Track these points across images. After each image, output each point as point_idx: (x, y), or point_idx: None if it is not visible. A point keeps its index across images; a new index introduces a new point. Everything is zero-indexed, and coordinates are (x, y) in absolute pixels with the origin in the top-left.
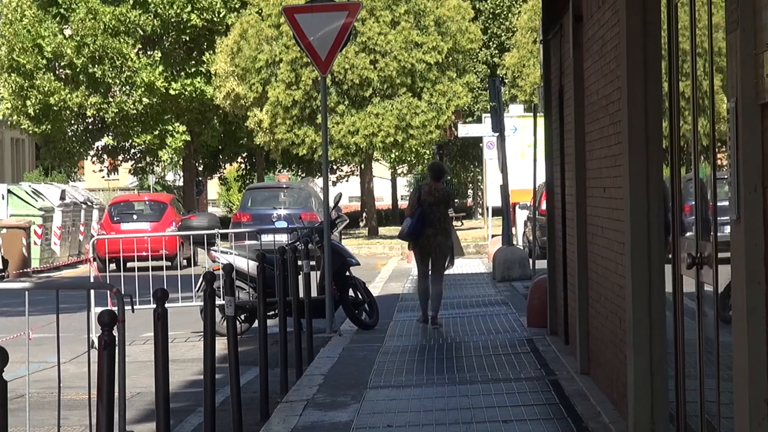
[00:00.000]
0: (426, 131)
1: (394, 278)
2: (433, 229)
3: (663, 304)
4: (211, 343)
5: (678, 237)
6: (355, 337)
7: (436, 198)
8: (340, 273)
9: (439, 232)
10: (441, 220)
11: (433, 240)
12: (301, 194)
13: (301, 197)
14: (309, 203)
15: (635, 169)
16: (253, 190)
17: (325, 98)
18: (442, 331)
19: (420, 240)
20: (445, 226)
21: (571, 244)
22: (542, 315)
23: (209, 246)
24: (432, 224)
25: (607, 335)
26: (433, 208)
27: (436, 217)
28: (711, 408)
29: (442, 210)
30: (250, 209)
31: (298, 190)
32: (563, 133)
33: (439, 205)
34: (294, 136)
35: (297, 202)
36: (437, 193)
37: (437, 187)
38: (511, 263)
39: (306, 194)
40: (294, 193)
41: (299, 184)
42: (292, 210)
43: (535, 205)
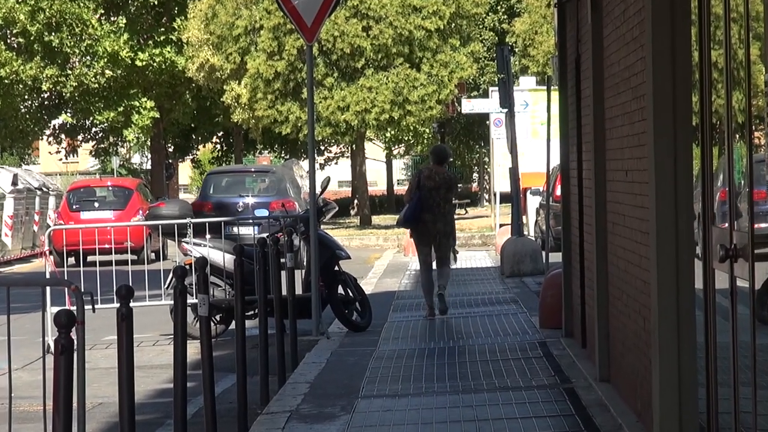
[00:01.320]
0: (425, 107)
1: (390, 273)
2: (431, 215)
3: (692, 302)
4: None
5: (710, 226)
6: (345, 340)
7: (436, 182)
8: (328, 267)
9: (438, 218)
10: (441, 205)
11: (433, 227)
12: (272, 179)
13: (272, 183)
14: (282, 190)
15: (661, 150)
16: (215, 174)
17: (311, 70)
18: (444, 333)
19: (418, 226)
20: (445, 212)
21: (588, 234)
22: (556, 315)
23: (180, 237)
24: (431, 210)
25: (630, 337)
26: (433, 193)
27: (435, 203)
28: (746, 420)
29: (443, 195)
30: (212, 197)
31: (269, 174)
32: (580, 109)
33: (439, 189)
34: (276, 112)
35: (268, 189)
36: (438, 177)
37: (438, 170)
38: (522, 256)
39: (278, 179)
40: (264, 177)
41: (271, 168)
42: (262, 198)
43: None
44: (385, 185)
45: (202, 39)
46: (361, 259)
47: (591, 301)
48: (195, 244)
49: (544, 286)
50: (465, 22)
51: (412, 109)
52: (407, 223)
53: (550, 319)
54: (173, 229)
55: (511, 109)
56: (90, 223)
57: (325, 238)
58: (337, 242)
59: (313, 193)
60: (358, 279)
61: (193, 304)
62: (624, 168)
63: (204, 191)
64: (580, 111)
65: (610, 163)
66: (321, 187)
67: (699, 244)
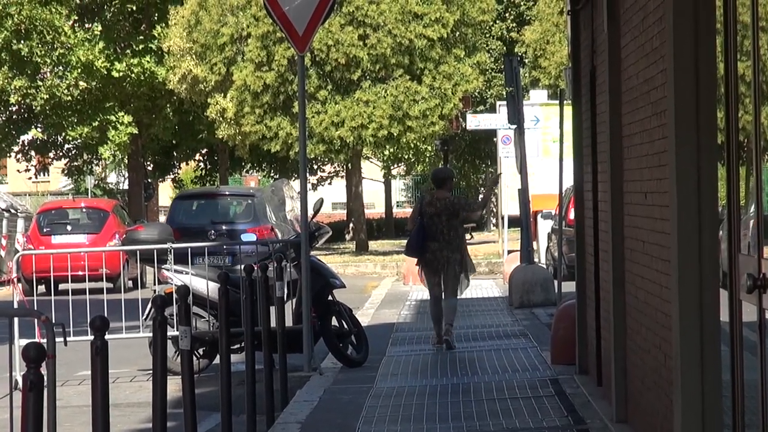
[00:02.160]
0: (427, 123)
1: (388, 304)
2: (437, 243)
3: (718, 337)
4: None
5: (736, 254)
6: (339, 377)
7: (437, 209)
8: (321, 297)
9: (444, 246)
10: (445, 232)
11: (440, 255)
12: (249, 204)
13: (248, 208)
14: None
15: (684, 170)
16: (184, 199)
17: (302, 82)
18: (447, 369)
19: (425, 255)
20: (451, 239)
21: (604, 262)
22: (570, 349)
23: (160, 264)
24: (435, 238)
25: (649, 375)
26: (435, 220)
27: (438, 230)
28: None
29: (445, 221)
30: (180, 224)
31: (246, 198)
32: (595, 126)
33: (440, 216)
34: (265, 128)
35: (244, 215)
36: (439, 203)
37: (440, 196)
38: (532, 285)
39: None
40: (240, 201)
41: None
42: (236, 224)
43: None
44: (384, 208)
45: (185, 48)
46: (356, 288)
47: (607, 335)
48: (176, 271)
49: (556, 319)
50: (470, 30)
51: (413, 124)
52: (412, 253)
53: (562, 355)
54: (152, 255)
55: (521, 125)
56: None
57: (317, 265)
58: (330, 270)
59: (305, 216)
60: (353, 310)
61: (174, 336)
62: (643, 190)
63: (171, 217)
64: (596, 127)
65: (628, 185)
66: (313, 209)
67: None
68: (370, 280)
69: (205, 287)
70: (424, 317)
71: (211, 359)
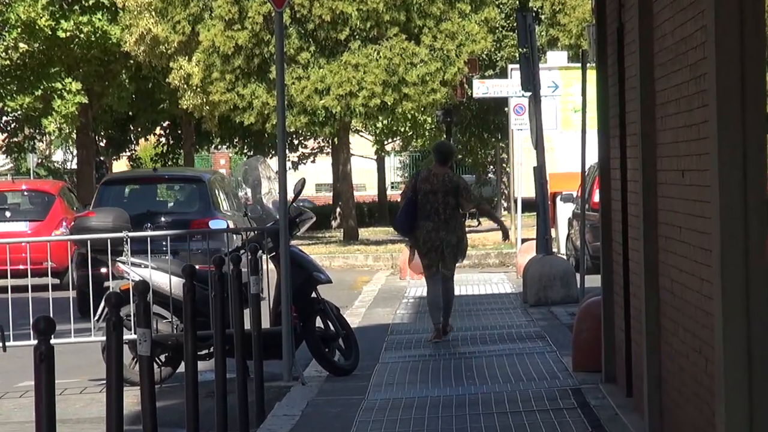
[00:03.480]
0: (426, 90)
1: (382, 301)
2: (431, 222)
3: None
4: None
5: None
6: (325, 387)
7: (433, 185)
8: (304, 294)
9: (440, 226)
10: (440, 212)
11: (435, 236)
12: (195, 190)
13: (194, 194)
14: (210, 204)
15: (727, 144)
16: (112, 184)
17: (281, 43)
18: (452, 378)
19: (416, 234)
20: (447, 219)
21: (635, 251)
22: (594, 354)
23: (115, 256)
24: (429, 217)
25: (688, 383)
26: (430, 198)
27: (433, 209)
28: None
29: (441, 199)
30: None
31: (191, 182)
32: (624, 93)
33: (436, 193)
34: (237, 97)
35: (188, 202)
36: (436, 179)
37: (438, 172)
38: (550, 280)
39: (207, 189)
40: (184, 187)
41: (197, 174)
42: (179, 215)
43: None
44: (376, 189)
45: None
46: (345, 283)
47: (638, 337)
48: (133, 264)
49: (579, 318)
50: None
51: (410, 92)
52: (399, 231)
53: (586, 360)
54: (106, 246)
55: (537, 92)
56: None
57: (299, 257)
58: (314, 262)
59: (284, 199)
60: (341, 309)
61: (132, 340)
62: (680, 167)
63: (96, 205)
64: (624, 95)
65: (662, 161)
66: (294, 191)
67: None
68: (360, 273)
69: (168, 283)
70: (425, 317)
71: (175, 367)
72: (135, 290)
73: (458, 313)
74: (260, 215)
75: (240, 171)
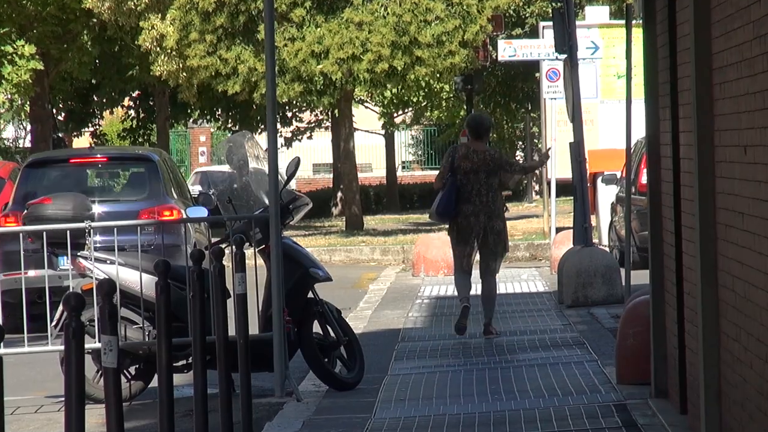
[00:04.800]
0: (443, 52)
1: (391, 303)
2: (471, 206)
3: None
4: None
5: None
6: (324, 404)
7: (474, 163)
8: (299, 294)
9: (481, 210)
10: (483, 193)
11: (475, 221)
12: (143, 173)
13: (142, 178)
14: (163, 188)
15: None
16: (37, 166)
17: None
18: (474, 392)
19: (457, 221)
20: (489, 201)
21: (689, 242)
22: (641, 364)
23: (75, 249)
24: (469, 199)
25: (753, 397)
26: (471, 177)
27: (474, 190)
28: None
29: (484, 180)
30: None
31: (138, 163)
32: (675, 55)
33: (478, 173)
34: (219, 62)
35: (134, 189)
36: (476, 156)
37: (478, 148)
38: (590, 276)
39: (157, 172)
40: (129, 169)
41: (146, 153)
42: (122, 203)
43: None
44: (384, 171)
45: None
46: (348, 280)
47: (694, 344)
48: (97, 259)
49: (624, 321)
50: None
51: (424, 55)
52: (441, 217)
53: (632, 371)
54: (65, 237)
55: (573, 55)
56: None
57: (293, 251)
58: (311, 256)
59: (274, 182)
60: (343, 311)
61: (96, 350)
62: (742, 143)
63: (19, 194)
64: (676, 57)
65: (722, 136)
66: (286, 173)
67: None
68: (366, 270)
69: (138, 281)
70: (441, 320)
71: (147, 381)
72: (99, 290)
73: (481, 316)
74: (247, 201)
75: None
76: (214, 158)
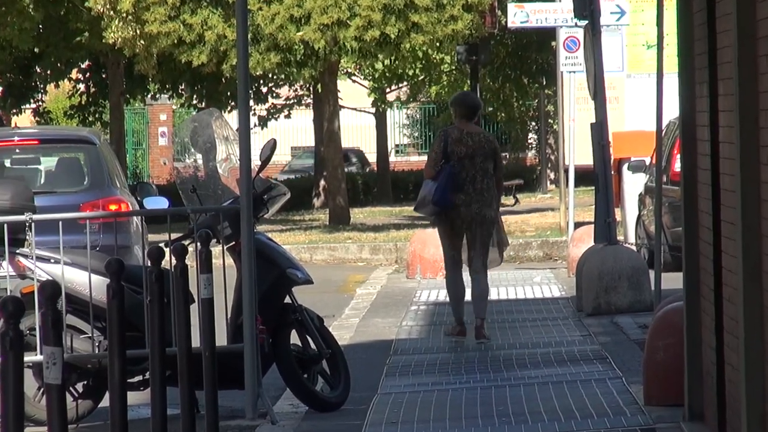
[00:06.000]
0: (444, 17)
1: (382, 309)
2: (464, 194)
3: None
4: None
5: None
6: (303, 427)
7: (470, 147)
8: (275, 299)
9: (475, 199)
10: (478, 180)
11: (468, 211)
12: (78, 159)
13: (82, 164)
14: (107, 177)
15: None
16: None
17: None
18: (478, 412)
19: (450, 212)
20: (484, 189)
21: (730, 240)
22: (674, 382)
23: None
24: (462, 187)
25: None
26: (465, 163)
27: (469, 177)
28: None
29: (480, 165)
30: None
31: (72, 147)
32: (714, 22)
33: (474, 158)
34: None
35: (68, 178)
36: (471, 140)
37: (472, 131)
38: (614, 279)
39: (99, 157)
40: (61, 154)
41: (83, 134)
42: (59, 196)
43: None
44: (374, 155)
45: None
46: (332, 283)
47: (734, 358)
48: (39, 258)
49: (653, 332)
50: None
51: (421, 20)
52: (433, 207)
53: (662, 389)
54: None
55: (595, 21)
56: None
57: (268, 249)
58: (288, 255)
59: (246, 168)
60: (326, 319)
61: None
62: None
63: None
64: (714, 24)
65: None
66: (261, 158)
67: None
68: (352, 271)
69: (87, 284)
70: (440, 330)
71: (97, 400)
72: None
73: (489, 325)
74: (214, 190)
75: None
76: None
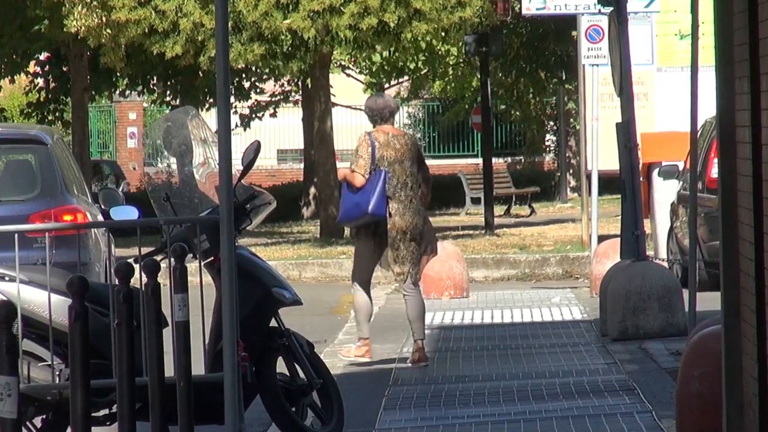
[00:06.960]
0: (449, 3)
1: (380, 333)
2: (396, 202)
3: None
4: None
5: None
6: None
7: (398, 151)
8: (259, 322)
9: (407, 208)
10: (409, 186)
11: (400, 221)
12: (27, 161)
13: (27, 169)
14: (61, 183)
15: None
16: None
17: None
18: None
19: (381, 224)
20: (413, 196)
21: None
22: (710, 414)
23: None
24: (394, 195)
25: None
26: (395, 169)
27: (401, 183)
28: None
29: (409, 170)
30: None
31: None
32: (756, 8)
33: (403, 162)
34: (154, 15)
35: (16, 185)
36: (398, 142)
37: (397, 133)
38: (643, 300)
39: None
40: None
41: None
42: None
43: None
44: None
45: None
46: (323, 304)
47: None
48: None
49: (687, 360)
50: None
51: (424, 7)
52: (373, 219)
53: (697, 425)
54: None
55: (622, 7)
56: None
57: (251, 265)
58: (274, 272)
59: (227, 174)
60: (316, 345)
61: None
62: None
63: None
64: (756, 11)
65: None
66: (243, 162)
67: None
68: (346, 290)
69: (46, 304)
70: (446, 357)
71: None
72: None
73: (501, 352)
74: (190, 199)
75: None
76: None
